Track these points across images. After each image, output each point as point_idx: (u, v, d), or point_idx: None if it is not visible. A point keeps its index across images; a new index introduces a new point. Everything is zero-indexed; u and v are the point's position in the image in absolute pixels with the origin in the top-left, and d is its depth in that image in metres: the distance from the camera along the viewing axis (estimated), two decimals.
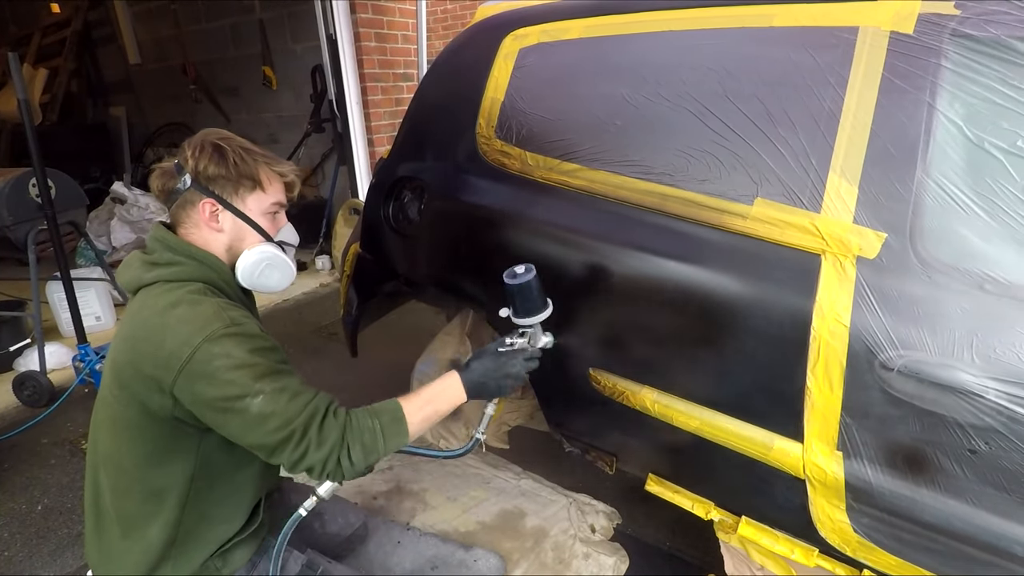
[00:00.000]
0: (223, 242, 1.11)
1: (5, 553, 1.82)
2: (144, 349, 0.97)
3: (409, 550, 1.70)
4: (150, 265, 1.06)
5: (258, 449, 0.99)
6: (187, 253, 1.07)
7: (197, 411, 0.97)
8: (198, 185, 1.07)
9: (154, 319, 0.98)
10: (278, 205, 1.15)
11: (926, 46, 1.03)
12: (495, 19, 1.64)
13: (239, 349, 0.96)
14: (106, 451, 1.08)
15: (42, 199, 2.56)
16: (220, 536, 1.13)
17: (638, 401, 1.36)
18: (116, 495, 1.07)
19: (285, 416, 0.96)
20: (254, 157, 1.10)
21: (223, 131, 1.13)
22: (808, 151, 1.11)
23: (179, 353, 0.93)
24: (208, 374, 0.94)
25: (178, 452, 1.04)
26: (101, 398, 1.09)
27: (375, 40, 4.19)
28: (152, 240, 1.10)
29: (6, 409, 2.67)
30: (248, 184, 1.09)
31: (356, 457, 1.02)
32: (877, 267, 1.04)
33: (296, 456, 0.98)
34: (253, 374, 0.96)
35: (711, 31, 1.26)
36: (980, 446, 0.97)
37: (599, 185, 1.36)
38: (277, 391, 0.97)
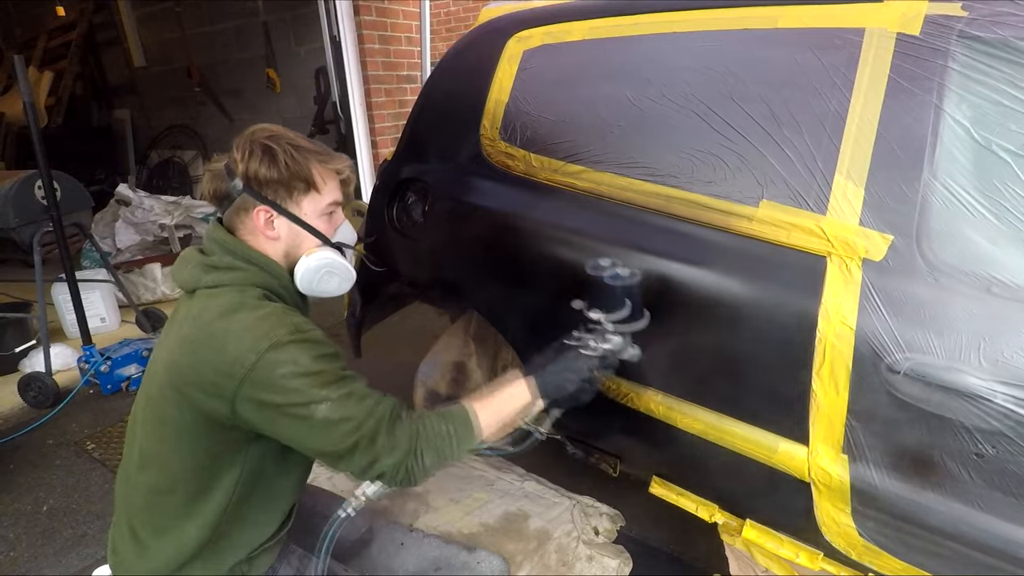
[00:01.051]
0: (280, 249, 1.07)
1: (11, 553, 1.83)
2: (205, 354, 0.94)
3: (412, 552, 1.70)
4: (209, 267, 1.02)
5: (326, 456, 0.96)
6: (247, 258, 1.03)
7: (259, 418, 0.94)
8: (250, 191, 1.02)
9: (217, 324, 0.95)
10: (334, 204, 1.11)
11: (933, 48, 1.02)
12: (499, 21, 1.64)
13: (304, 356, 0.93)
14: (151, 451, 1.05)
15: (47, 201, 2.58)
16: (253, 540, 1.11)
17: (642, 403, 1.36)
18: (156, 495, 1.04)
19: (353, 422, 0.94)
20: (306, 155, 1.04)
21: (272, 127, 1.07)
22: (814, 153, 1.11)
23: (244, 360, 0.91)
24: (273, 381, 0.91)
25: (227, 457, 1.02)
26: (148, 396, 1.05)
27: (379, 42, 4.19)
28: (210, 241, 1.06)
29: (11, 410, 2.67)
30: (302, 186, 1.05)
31: (429, 462, 0.99)
32: (883, 269, 1.04)
33: (365, 462, 0.95)
34: (319, 381, 0.93)
35: (715, 32, 1.26)
36: (987, 450, 0.96)
37: (603, 187, 1.36)
38: (344, 397, 0.94)
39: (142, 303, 3.62)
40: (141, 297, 3.79)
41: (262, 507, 1.10)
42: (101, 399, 2.73)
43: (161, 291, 3.94)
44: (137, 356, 2.78)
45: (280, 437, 0.97)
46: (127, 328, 3.49)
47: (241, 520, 1.07)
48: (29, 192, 2.82)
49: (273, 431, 0.96)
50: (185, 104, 5.69)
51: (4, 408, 2.69)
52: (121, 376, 2.74)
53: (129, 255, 4.30)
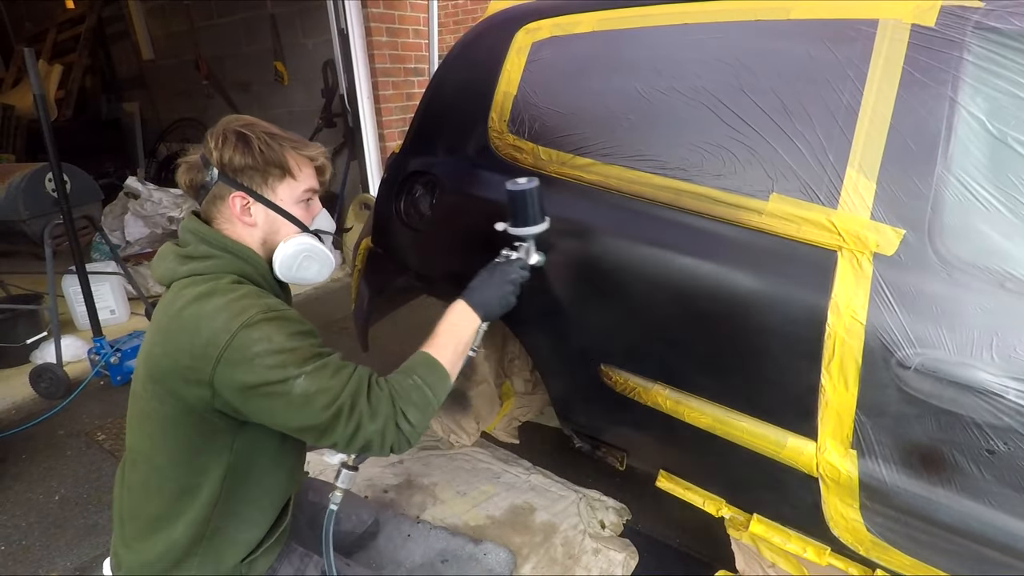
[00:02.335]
0: (257, 236, 1.07)
1: (23, 542, 1.85)
2: (180, 340, 0.94)
3: (419, 543, 1.71)
4: (184, 258, 1.02)
5: (309, 431, 0.96)
6: (222, 246, 1.03)
7: (238, 400, 0.94)
8: (225, 178, 1.03)
9: (189, 309, 0.95)
10: (311, 191, 1.11)
11: (948, 39, 1.01)
12: (507, 13, 1.63)
13: (278, 334, 0.93)
14: (139, 448, 1.05)
15: (58, 194, 2.59)
16: (249, 537, 1.11)
17: (650, 397, 1.35)
18: (146, 493, 1.05)
19: (331, 393, 0.93)
20: (280, 142, 1.05)
21: (246, 117, 1.08)
22: (825, 146, 1.10)
23: (217, 340, 0.91)
24: (248, 359, 0.91)
25: (213, 449, 1.01)
26: (133, 393, 1.06)
27: (386, 35, 4.18)
28: (185, 232, 1.06)
29: (23, 401, 2.71)
30: (277, 172, 1.05)
31: (414, 418, 0.99)
32: (895, 264, 1.03)
33: (349, 431, 0.94)
34: (294, 357, 0.93)
35: (726, 24, 1.25)
36: (999, 446, 0.95)
37: (612, 180, 1.35)
38: (319, 369, 0.94)
39: (151, 295, 3.65)
40: (150, 289, 3.81)
41: (254, 502, 1.10)
42: (111, 390, 2.75)
43: None
44: None
45: (261, 418, 0.96)
46: (137, 320, 3.51)
47: (233, 516, 1.07)
48: (39, 185, 2.84)
49: (253, 412, 0.95)
50: (193, 97, 5.69)
51: (16, 399, 2.72)
52: (131, 368, 2.76)
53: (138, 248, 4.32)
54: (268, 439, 1.06)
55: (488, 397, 2.20)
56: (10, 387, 2.80)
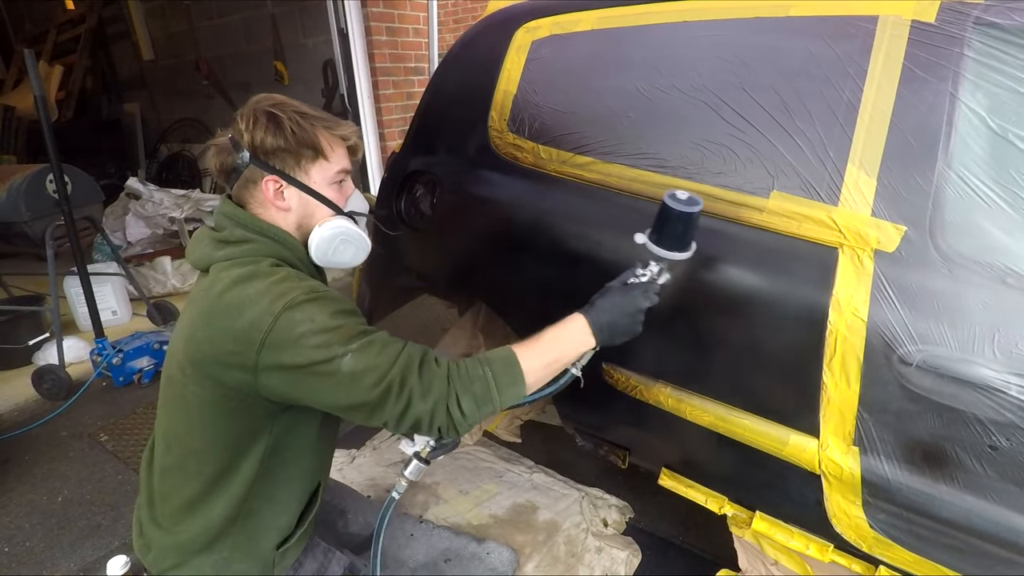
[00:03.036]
0: (292, 220, 1.05)
1: (26, 544, 1.85)
2: (222, 324, 0.92)
3: (422, 543, 1.71)
4: (220, 243, 1.00)
5: (358, 410, 0.93)
6: (259, 230, 1.01)
7: (285, 383, 0.92)
8: (257, 161, 1.00)
9: (230, 293, 0.93)
10: (344, 172, 1.08)
11: (948, 35, 1.01)
12: (507, 12, 1.63)
13: (322, 313, 0.91)
14: (174, 432, 1.04)
15: (59, 195, 2.59)
16: (282, 523, 1.10)
17: (651, 396, 1.35)
18: (183, 475, 1.03)
19: (379, 370, 0.90)
20: (311, 122, 1.02)
21: (275, 95, 1.05)
22: (826, 143, 1.10)
23: (260, 324, 0.89)
24: (293, 341, 0.89)
25: (252, 432, 1.00)
26: (168, 378, 1.04)
27: (386, 34, 4.18)
28: (221, 216, 1.03)
29: (26, 402, 2.71)
30: (310, 154, 1.02)
31: (468, 408, 0.94)
32: (896, 261, 1.03)
33: (399, 409, 0.91)
34: (339, 336, 0.91)
35: (726, 21, 1.25)
36: (1001, 442, 0.95)
37: (613, 179, 1.35)
38: (366, 346, 0.92)
39: (153, 296, 3.65)
40: (152, 290, 3.82)
41: (288, 485, 1.09)
42: (113, 391, 2.76)
43: (171, 284, 3.97)
44: (148, 349, 2.81)
45: (308, 399, 0.94)
46: (138, 321, 3.52)
47: (268, 499, 1.06)
48: (40, 186, 2.84)
49: (300, 395, 0.94)
50: (194, 97, 5.70)
51: (19, 400, 2.72)
52: (133, 368, 2.77)
53: (140, 248, 4.33)
54: (306, 422, 1.05)
55: None
56: (12, 388, 2.81)
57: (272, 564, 1.10)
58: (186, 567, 1.05)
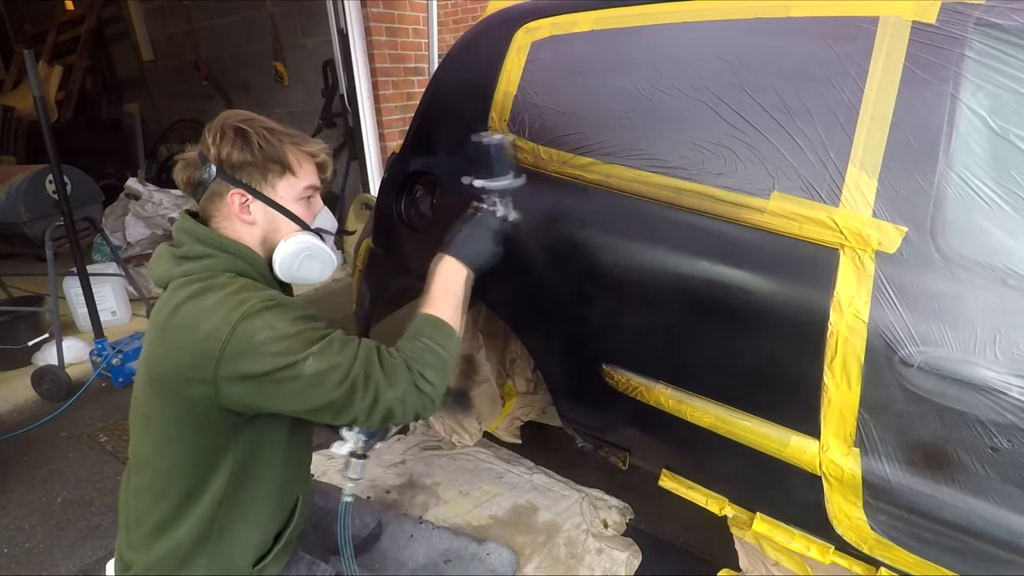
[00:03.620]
0: (257, 235, 1.05)
1: (26, 545, 1.85)
2: (179, 338, 0.92)
3: (422, 544, 1.71)
4: (180, 259, 1.00)
5: (326, 410, 0.94)
6: (218, 245, 1.01)
7: (249, 392, 0.92)
8: (224, 175, 1.01)
9: (185, 307, 0.93)
10: (312, 189, 1.09)
11: (950, 35, 1.00)
12: (507, 12, 1.63)
13: (280, 320, 0.92)
14: (142, 453, 1.04)
15: (58, 195, 2.59)
16: (257, 540, 1.09)
17: (652, 397, 1.35)
18: (151, 497, 1.03)
19: (342, 368, 0.92)
20: (279, 138, 1.04)
21: (244, 112, 1.07)
22: (826, 144, 1.09)
23: (218, 334, 0.89)
24: (253, 348, 0.89)
25: (218, 448, 1.00)
26: (135, 397, 1.04)
27: (386, 34, 4.18)
28: (180, 232, 1.03)
29: (25, 403, 2.71)
30: (277, 169, 1.03)
31: (433, 378, 0.99)
32: (897, 262, 1.02)
33: (368, 402, 0.93)
34: (299, 341, 0.92)
35: (726, 22, 1.24)
36: (1002, 444, 0.95)
37: (613, 179, 1.35)
38: (325, 347, 0.93)
39: (152, 296, 3.65)
40: (151, 291, 3.81)
41: (261, 501, 1.08)
42: (113, 392, 2.75)
43: None
44: None
45: (274, 406, 0.94)
46: (138, 321, 3.52)
47: (240, 516, 1.05)
48: (40, 186, 2.84)
49: (266, 402, 0.94)
50: (193, 98, 5.69)
51: (18, 401, 2.72)
52: (132, 369, 2.76)
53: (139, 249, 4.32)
54: (274, 432, 1.05)
55: (490, 397, 2.20)
56: (12, 389, 2.80)
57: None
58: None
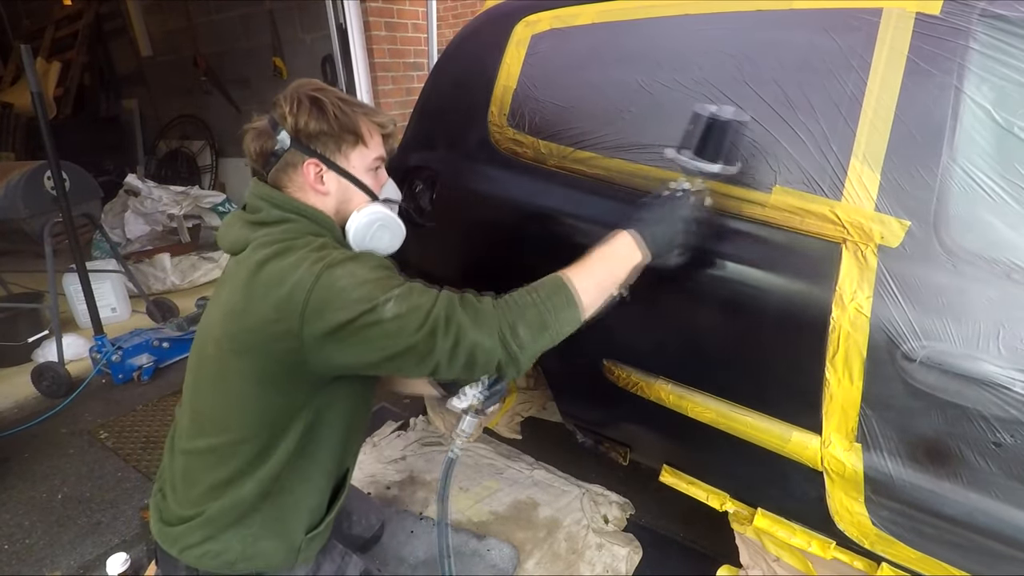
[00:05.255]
0: (330, 205, 1.06)
1: (26, 541, 1.85)
2: (264, 293, 0.92)
3: (423, 540, 1.71)
4: (256, 225, 1.00)
5: (408, 356, 0.90)
6: (297, 210, 1.01)
7: (332, 344, 0.90)
8: (299, 144, 1.01)
9: (270, 264, 0.93)
10: (380, 160, 1.10)
11: (954, 27, 0.99)
12: (506, 6, 1.62)
13: (361, 268, 0.93)
14: (209, 413, 1.03)
15: (57, 192, 2.58)
16: (312, 504, 1.10)
17: (653, 392, 1.35)
18: (216, 457, 1.01)
19: (423, 309, 0.90)
20: (353, 108, 1.04)
21: (316, 81, 1.06)
22: (829, 137, 1.08)
23: (303, 284, 0.89)
24: (336, 295, 0.89)
25: (293, 409, 1.00)
26: (202, 358, 1.03)
27: (385, 29, 4.15)
28: (255, 199, 1.04)
29: (26, 399, 2.70)
30: (351, 139, 1.04)
31: (525, 336, 0.91)
32: (900, 256, 1.02)
33: (449, 344, 0.89)
34: (379, 286, 0.91)
35: (728, 15, 1.23)
36: (1005, 439, 0.95)
37: (614, 173, 1.34)
38: (406, 291, 0.92)
39: (152, 293, 3.65)
40: (151, 287, 3.81)
41: (321, 465, 1.09)
42: (113, 388, 2.75)
43: (171, 281, 3.96)
44: (148, 346, 2.80)
45: (358, 360, 0.93)
46: (138, 318, 3.51)
47: (301, 478, 1.06)
48: (38, 183, 2.83)
49: (348, 357, 0.93)
50: (192, 94, 5.68)
51: (19, 397, 2.72)
52: (132, 366, 2.76)
53: (139, 245, 4.32)
54: (344, 398, 1.06)
55: None
56: (12, 386, 2.80)
57: (298, 549, 1.09)
58: (213, 542, 1.03)
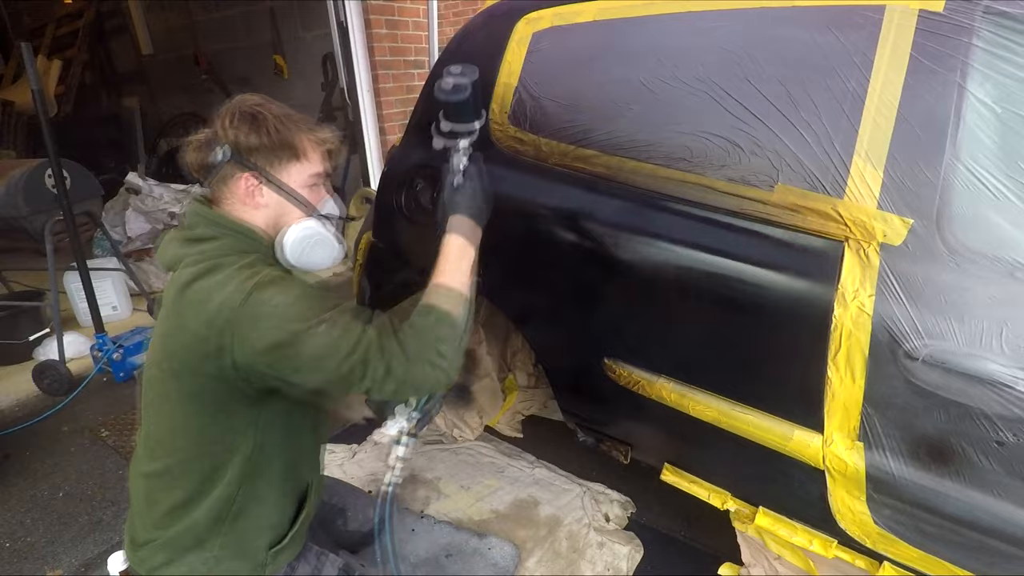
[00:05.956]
0: (265, 218, 1.05)
1: (28, 539, 1.85)
2: (193, 312, 0.93)
3: (423, 538, 1.71)
4: (191, 241, 1.01)
5: (338, 382, 0.93)
6: (230, 227, 1.02)
7: (262, 363, 0.92)
8: (237, 157, 1.01)
9: (199, 282, 0.94)
10: (320, 176, 1.09)
11: (957, 24, 0.99)
12: (507, 4, 1.61)
13: (288, 292, 0.93)
14: (158, 435, 1.04)
15: (57, 190, 2.58)
16: (273, 521, 1.10)
17: (654, 391, 1.34)
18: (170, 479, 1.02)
19: (353, 335, 0.92)
20: (292, 124, 1.04)
21: (258, 96, 1.06)
22: (831, 135, 1.08)
23: (231, 302, 0.90)
24: (266, 315, 0.90)
25: (235, 429, 1.00)
26: (149, 379, 1.04)
27: (386, 27, 4.15)
28: (192, 215, 1.04)
29: (27, 397, 2.70)
30: (287, 154, 1.03)
31: (446, 350, 0.96)
32: (902, 254, 1.02)
33: (380, 372, 0.92)
34: (311, 307, 0.92)
35: (730, 11, 1.23)
36: (1008, 437, 0.94)
37: (615, 171, 1.34)
38: (339, 314, 0.93)
39: (153, 291, 3.64)
40: (152, 285, 3.81)
41: (277, 484, 1.08)
42: (114, 386, 2.75)
43: None
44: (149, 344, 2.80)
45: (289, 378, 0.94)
46: (139, 316, 3.51)
47: (256, 498, 1.06)
48: (39, 181, 2.83)
49: (280, 374, 0.93)
50: (193, 92, 5.68)
51: (20, 395, 2.72)
52: (133, 364, 2.76)
53: (140, 243, 4.31)
54: (287, 416, 1.06)
55: (491, 391, 2.19)
56: (13, 384, 2.80)
57: (264, 564, 1.10)
58: (176, 565, 1.05)
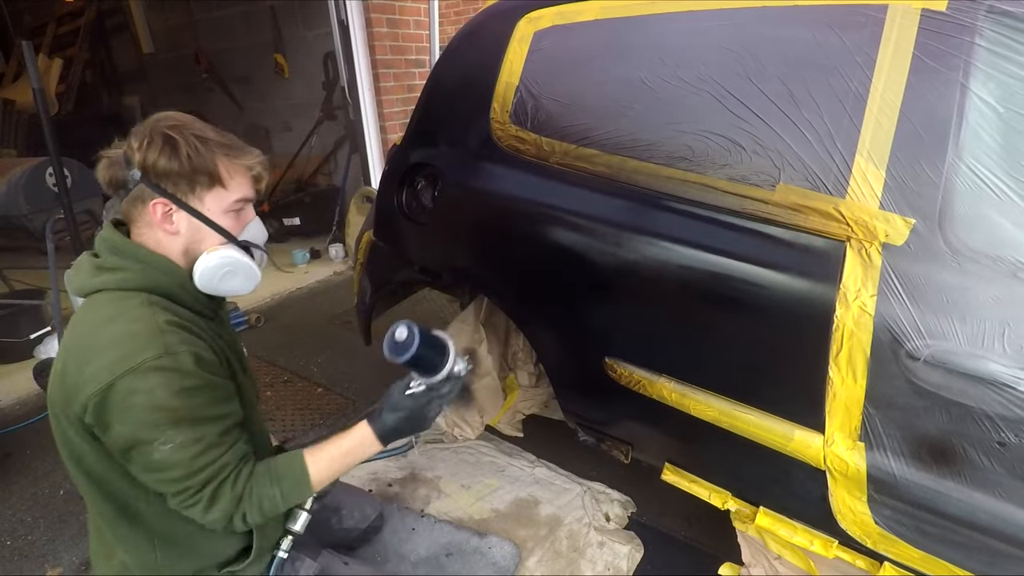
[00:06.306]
0: (179, 245, 1.00)
1: (28, 537, 1.85)
2: (72, 366, 0.90)
3: (424, 537, 1.71)
4: (97, 270, 0.97)
5: (154, 485, 0.95)
6: (135, 256, 0.96)
7: (108, 440, 0.91)
8: (148, 182, 0.95)
9: (87, 335, 0.91)
10: (243, 201, 1.03)
11: (960, 24, 0.99)
12: (509, 2, 1.61)
13: (163, 388, 0.88)
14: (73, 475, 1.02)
15: (58, 188, 2.58)
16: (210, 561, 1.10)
17: (655, 390, 1.34)
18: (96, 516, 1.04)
19: (186, 471, 0.91)
20: (212, 148, 0.97)
21: (178, 115, 1.00)
22: (833, 134, 1.08)
23: (98, 379, 0.86)
24: (123, 410, 0.87)
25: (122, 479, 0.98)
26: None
27: (387, 26, 4.15)
28: (99, 241, 0.99)
29: (28, 396, 2.71)
30: (205, 181, 0.97)
31: (253, 519, 0.99)
32: (904, 254, 1.01)
33: (184, 508, 0.95)
34: (170, 418, 0.89)
35: (732, 11, 1.23)
36: (1010, 438, 0.94)
37: (617, 171, 1.34)
38: (189, 442, 0.91)
39: None
40: None
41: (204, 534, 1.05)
42: None
43: None
44: None
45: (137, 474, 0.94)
46: None
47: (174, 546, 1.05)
48: (40, 179, 2.84)
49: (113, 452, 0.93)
50: (193, 91, 5.67)
51: (20, 393, 2.72)
52: None
53: None
54: None
55: (492, 390, 2.19)
56: (14, 382, 2.80)
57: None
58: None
